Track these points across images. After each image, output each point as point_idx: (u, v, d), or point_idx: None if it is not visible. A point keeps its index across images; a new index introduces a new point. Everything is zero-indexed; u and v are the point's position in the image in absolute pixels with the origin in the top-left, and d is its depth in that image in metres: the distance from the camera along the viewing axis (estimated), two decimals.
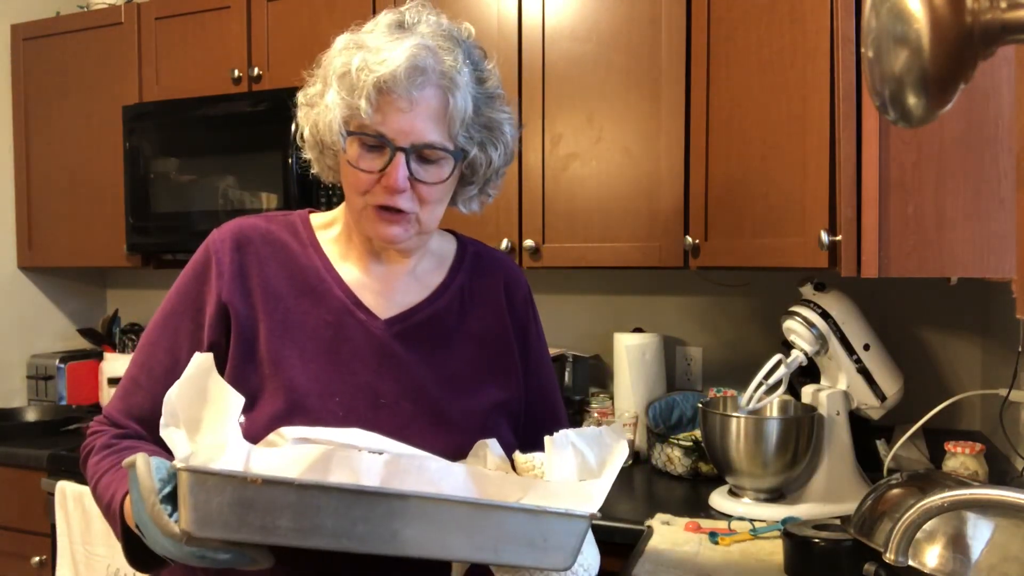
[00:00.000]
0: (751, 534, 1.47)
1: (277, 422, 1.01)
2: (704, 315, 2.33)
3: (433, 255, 1.19)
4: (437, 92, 1.02)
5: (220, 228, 1.13)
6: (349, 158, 1.04)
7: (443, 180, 1.06)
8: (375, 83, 0.99)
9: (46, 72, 2.72)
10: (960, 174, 1.21)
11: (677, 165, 1.94)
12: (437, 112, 1.03)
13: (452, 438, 1.07)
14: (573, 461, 0.93)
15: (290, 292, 1.09)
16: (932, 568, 0.93)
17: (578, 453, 0.93)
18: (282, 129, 2.21)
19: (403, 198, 1.04)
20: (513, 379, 1.18)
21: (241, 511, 0.77)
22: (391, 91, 1.00)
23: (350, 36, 1.05)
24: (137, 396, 1.08)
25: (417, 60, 0.99)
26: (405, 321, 1.12)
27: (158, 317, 1.11)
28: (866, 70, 0.53)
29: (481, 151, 1.09)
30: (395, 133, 1.01)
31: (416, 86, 1.00)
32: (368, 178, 1.04)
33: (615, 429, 0.97)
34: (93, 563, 2.07)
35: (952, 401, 1.68)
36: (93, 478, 1.04)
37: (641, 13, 1.97)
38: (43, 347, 2.89)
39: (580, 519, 0.87)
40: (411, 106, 1.01)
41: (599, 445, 0.95)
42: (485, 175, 1.13)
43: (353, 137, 1.03)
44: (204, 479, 0.77)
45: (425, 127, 1.02)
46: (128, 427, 1.08)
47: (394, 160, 1.02)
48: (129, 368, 1.11)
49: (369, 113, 1.00)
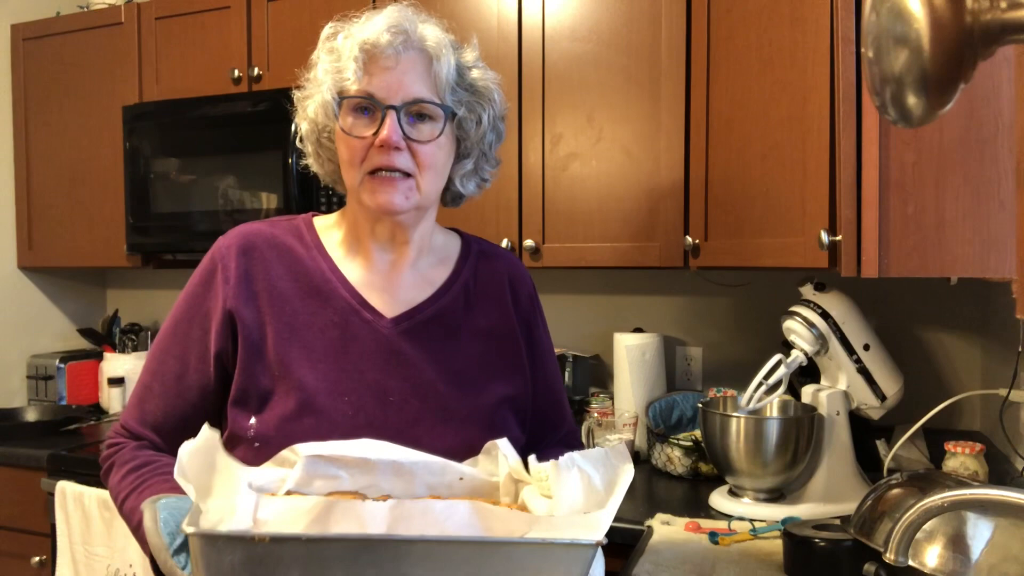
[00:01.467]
0: (751, 534, 1.47)
1: (287, 422, 1.03)
2: (704, 315, 2.33)
3: (437, 251, 1.21)
4: (420, 55, 1.07)
5: (226, 235, 1.15)
6: (343, 125, 1.07)
7: (435, 137, 1.08)
8: (360, 45, 1.05)
9: (46, 72, 2.72)
10: (960, 174, 1.21)
11: (677, 165, 1.94)
12: (422, 71, 1.07)
13: (460, 434, 1.09)
14: (579, 483, 0.93)
15: (296, 294, 1.10)
16: (932, 568, 0.93)
17: (584, 475, 0.94)
18: (282, 129, 2.21)
19: (399, 157, 1.06)
20: (520, 375, 1.19)
21: (252, 567, 0.79)
22: (376, 49, 1.05)
23: (333, 23, 1.11)
24: (151, 403, 1.11)
25: (398, 21, 1.05)
26: (411, 319, 1.13)
27: (168, 324, 1.13)
28: (866, 70, 0.53)
29: (470, 112, 1.12)
30: (384, 91, 1.05)
31: (400, 44, 1.05)
32: (362, 143, 1.06)
33: (620, 450, 0.97)
34: (93, 563, 2.07)
35: (952, 401, 1.68)
36: (117, 498, 1.07)
37: (641, 13, 1.97)
38: (43, 347, 2.89)
39: (586, 547, 0.87)
40: (397, 63, 1.05)
41: (604, 466, 0.95)
42: (478, 143, 1.15)
43: (345, 103, 1.07)
44: (214, 540, 0.79)
45: (412, 84, 1.06)
46: (145, 436, 1.10)
47: (386, 119, 1.05)
48: (142, 375, 1.13)
49: (358, 76, 1.05)
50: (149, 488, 1.01)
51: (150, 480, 1.03)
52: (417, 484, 1.00)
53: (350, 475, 0.98)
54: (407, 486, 1.00)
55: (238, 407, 1.07)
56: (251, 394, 1.06)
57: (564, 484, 0.93)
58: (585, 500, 0.92)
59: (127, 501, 1.03)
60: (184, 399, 1.09)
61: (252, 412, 1.05)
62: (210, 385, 1.08)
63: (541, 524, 0.91)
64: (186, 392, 1.09)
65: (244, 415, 1.06)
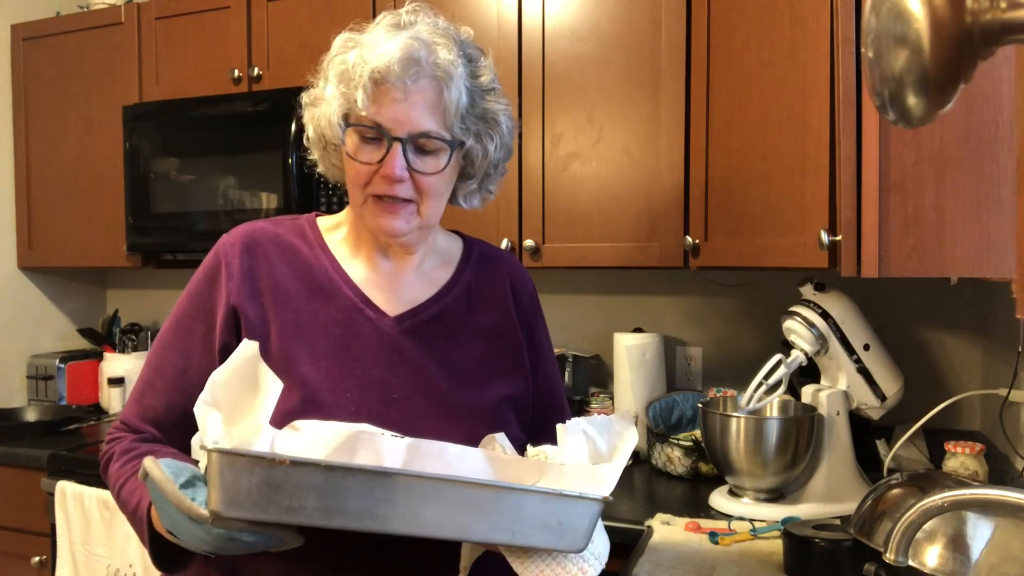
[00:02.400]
0: (751, 534, 1.47)
1: (290, 417, 1.04)
2: (704, 315, 2.33)
3: (440, 253, 1.22)
4: (432, 83, 1.05)
5: (229, 232, 1.15)
6: (348, 150, 1.07)
7: (440, 170, 1.08)
8: (370, 74, 1.02)
9: (46, 72, 2.72)
10: (960, 174, 1.21)
11: (677, 165, 1.94)
12: (432, 102, 1.05)
13: (462, 432, 1.09)
14: (585, 447, 0.96)
15: (300, 292, 1.11)
16: (932, 568, 0.93)
17: (589, 440, 0.96)
18: (282, 129, 2.21)
19: (401, 188, 1.06)
20: (521, 375, 1.20)
21: (269, 491, 0.79)
22: (386, 81, 1.03)
23: (348, 34, 1.09)
24: (151, 399, 1.11)
25: (411, 51, 1.02)
26: (414, 317, 1.14)
27: (171, 321, 1.13)
28: (866, 70, 0.53)
29: (477, 142, 1.11)
30: (391, 123, 1.04)
31: (410, 76, 1.03)
32: (367, 169, 1.06)
33: (624, 416, 0.99)
34: (93, 563, 2.07)
35: (952, 401, 1.68)
36: (116, 485, 1.06)
37: (641, 13, 1.97)
38: (43, 347, 2.89)
39: (593, 502, 0.89)
40: (406, 96, 1.03)
41: (609, 432, 0.98)
42: (483, 168, 1.15)
43: (351, 129, 1.06)
44: (233, 460, 0.78)
45: (421, 117, 1.04)
46: (145, 431, 1.10)
47: (391, 150, 1.04)
48: (143, 371, 1.13)
49: (366, 104, 1.03)
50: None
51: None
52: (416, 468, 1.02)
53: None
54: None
55: None
56: None
57: (569, 446, 0.95)
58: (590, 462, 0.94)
59: (125, 486, 1.03)
60: (186, 394, 1.08)
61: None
62: None
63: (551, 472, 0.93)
64: (189, 387, 1.08)
65: None
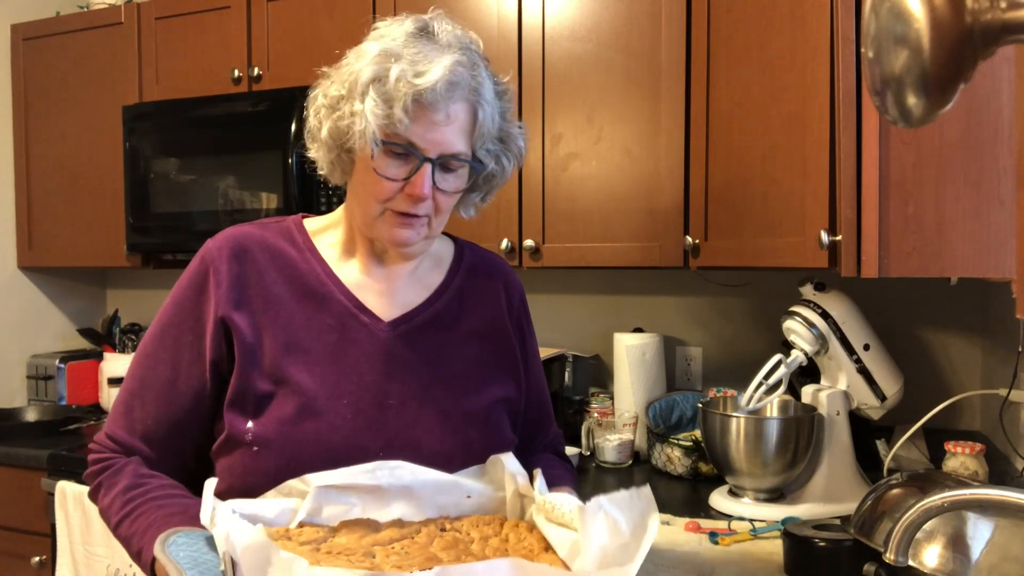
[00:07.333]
0: (751, 534, 1.47)
1: (287, 425, 1.03)
2: (704, 315, 2.33)
3: (432, 257, 1.21)
4: (467, 106, 1.05)
5: (215, 238, 1.12)
6: (375, 165, 1.05)
7: (460, 190, 1.10)
8: (414, 95, 1.00)
9: (46, 72, 2.72)
10: (960, 174, 1.21)
11: (677, 165, 1.94)
12: (466, 125, 1.06)
13: (458, 435, 1.10)
14: (605, 525, 0.95)
15: (291, 298, 1.10)
16: (932, 568, 0.94)
17: (609, 517, 0.95)
18: (282, 129, 2.21)
19: (423, 205, 1.07)
20: (514, 377, 1.20)
21: None
22: (428, 104, 1.02)
23: (380, 45, 1.04)
24: (140, 411, 1.08)
25: (455, 76, 1.02)
26: (408, 322, 1.13)
27: (155, 329, 1.11)
28: (866, 70, 0.53)
29: (496, 163, 1.13)
30: (426, 143, 1.03)
31: (452, 99, 1.03)
32: (392, 186, 1.05)
33: (644, 493, 0.98)
34: (93, 563, 2.07)
35: (952, 401, 1.68)
36: (110, 521, 1.04)
37: (641, 13, 1.97)
38: (43, 347, 2.89)
39: None
40: (447, 120, 1.03)
41: (630, 509, 0.97)
42: (496, 185, 1.17)
43: (383, 145, 1.04)
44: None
45: (455, 139, 1.05)
46: (133, 446, 1.07)
47: (421, 170, 1.04)
48: (128, 382, 1.10)
49: (405, 124, 1.01)
50: (143, 516, 0.99)
51: (142, 507, 1.01)
52: (427, 506, 1.02)
53: (361, 502, 0.99)
54: (417, 509, 1.01)
55: (234, 410, 1.05)
56: (248, 397, 1.05)
57: (591, 528, 0.94)
58: (611, 543, 0.93)
59: (122, 525, 1.02)
60: (177, 405, 1.07)
61: (249, 416, 1.04)
62: (205, 390, 1.07)
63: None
64: (179, 398, 1.07)
65: (241, 419, 1.05)
